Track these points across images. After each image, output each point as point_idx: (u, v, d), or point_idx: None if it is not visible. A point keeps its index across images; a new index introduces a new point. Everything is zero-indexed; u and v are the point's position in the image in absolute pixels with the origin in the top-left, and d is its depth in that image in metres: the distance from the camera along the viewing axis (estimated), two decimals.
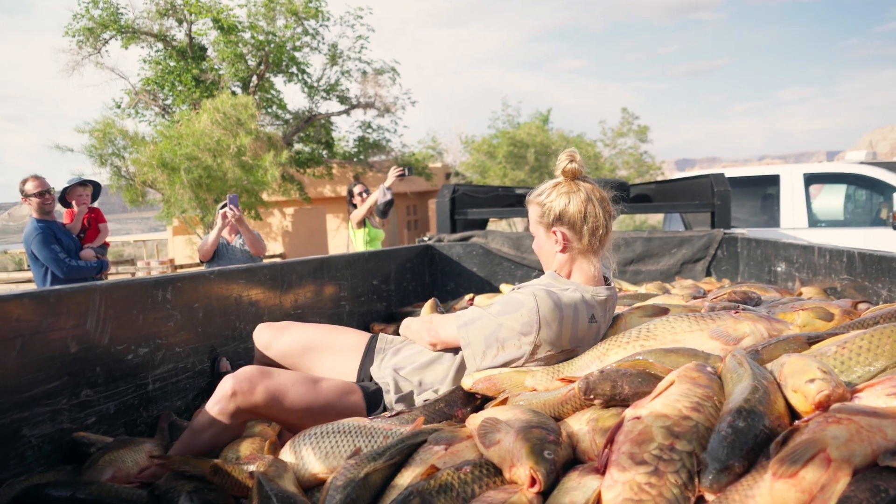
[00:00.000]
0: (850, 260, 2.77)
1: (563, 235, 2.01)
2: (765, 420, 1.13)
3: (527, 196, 2.14)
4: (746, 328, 1.76)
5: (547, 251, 2.08)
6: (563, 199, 2.00)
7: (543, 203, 2.04)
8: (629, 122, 26.65)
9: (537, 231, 2.09)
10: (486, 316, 1.94)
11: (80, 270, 4.65)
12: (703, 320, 1.81)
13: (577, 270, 2.05)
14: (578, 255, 2.03)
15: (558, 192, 2.02)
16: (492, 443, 1.40)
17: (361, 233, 6.15)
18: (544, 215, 2.03)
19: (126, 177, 14.17)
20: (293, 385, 1.84)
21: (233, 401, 1.75)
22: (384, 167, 18.25)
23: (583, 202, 1.98)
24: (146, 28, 15.79)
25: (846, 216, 7.97)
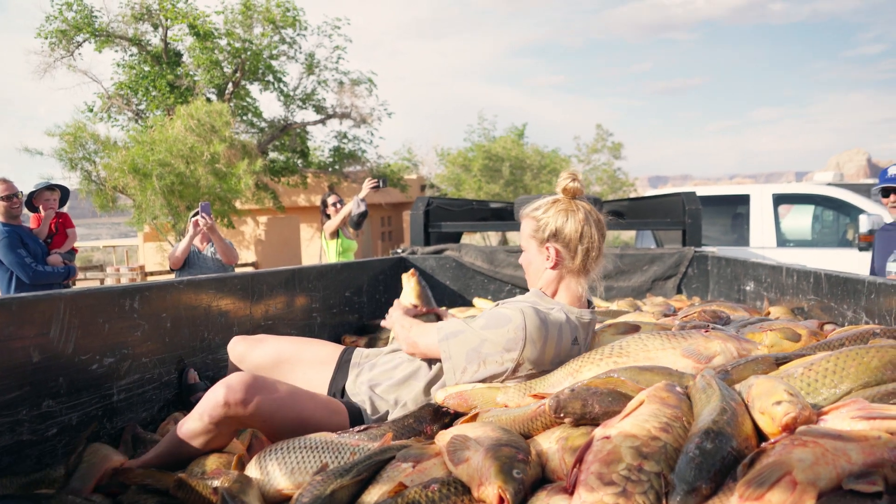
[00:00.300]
0: (817, 281, 2.81)
1: (557, 252, 2.00)
2: (732, 442, 1.13)
3: (521, 210, 2.13)
4: (717, 347, 1.78)
5: (536, 267, 2.07)
6: (561, 217, 2.00)
7: (539, 218, 2.03)
8: (603, 138, 26.92)
9: (529, 245, 2.08)
10: (469, 330, 1.92)
11: (47, 276, 4.56)
12: (675, 338, 1.82)
13: (563, 289, 2.05)
14: (567, 274, 2.04)
15: (556, 209, 2.02)
16: (460, 460, 1.39)
17: (334, 244, 6.12)
18: (539, 230, 2.03)
19: (96, 182, 13.96)
20: (287, 397, 1.79)
21: (224, 409, 1.68)
22: (359, 177, 18.20)
23: (580, 222, 1.99)
24: (121, 32, 15.62)
25: (813, 236, 8.11)
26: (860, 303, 2.41)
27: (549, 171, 23.70)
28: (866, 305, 2.37)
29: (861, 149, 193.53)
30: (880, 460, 1.03)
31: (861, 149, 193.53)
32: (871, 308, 2.34)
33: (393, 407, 2.03)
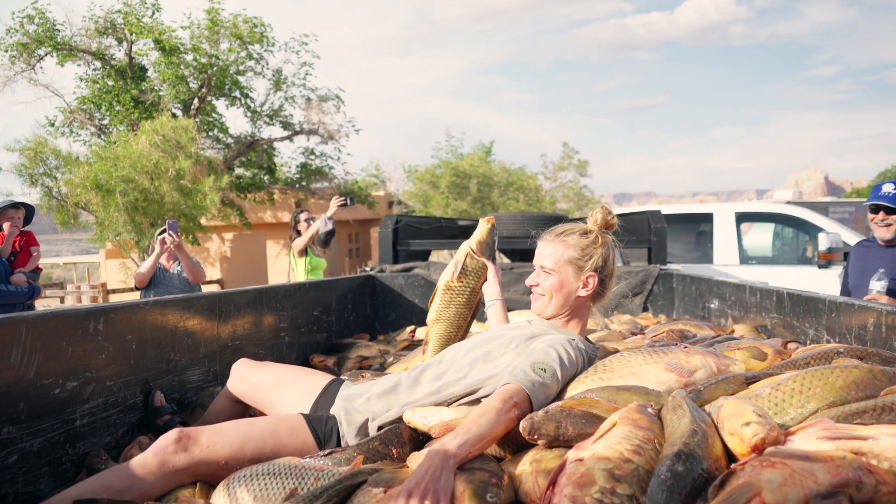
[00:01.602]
0: (780, 299, 2.87)
1: (595, 284, 2.05)
2: (703, 463, 1.15)
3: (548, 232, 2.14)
4: (698, 361, 1.81)
5: (565, 293, 2.06)
6: (605, 250, 2.06)
7: (584, 248, 2.05)
8: (570, 156, 27.22)
9: (562, 270, 2.06)
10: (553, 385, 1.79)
11: (10, 296, 4.45)
12: (657, 353, 1.86)
13: (579, 319, 2.10)
14: (592, 306, 2.10)
15: (602, 243, 2.07)
16: None
17: (303, 261, 6.08)
18: (582, 258, 2.05)
19: (58, 198, 13.70)
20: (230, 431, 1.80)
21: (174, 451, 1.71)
22: (326, 194, 18.13)
23: (615, 258, 2.09)
24: (84, 46, 15.40)
25: (774, 254, 8.28)
26: (821, 321, 2.46)
27: (517, 188, 23.87)
28: (827, 324, 2.42)
29: (819, 167, 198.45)
30: (845, 480, 1.05)
31: (819, 167, 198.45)
32: (832, 326, 2.39)
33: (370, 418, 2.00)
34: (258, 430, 1.87)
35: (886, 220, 3.43)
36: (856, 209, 12.25)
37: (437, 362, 2.11)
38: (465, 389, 1.95)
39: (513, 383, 1.71)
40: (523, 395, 1.67)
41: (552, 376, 1.76)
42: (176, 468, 1.72)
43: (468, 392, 1.95)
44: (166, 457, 1.71)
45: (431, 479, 1.34)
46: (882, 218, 3.43)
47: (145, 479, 1.69)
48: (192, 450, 1.74)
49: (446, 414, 1.84)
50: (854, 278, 3.67)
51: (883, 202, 3.39)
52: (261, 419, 1.94)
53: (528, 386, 1.69)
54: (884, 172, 40.03)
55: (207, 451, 1.76)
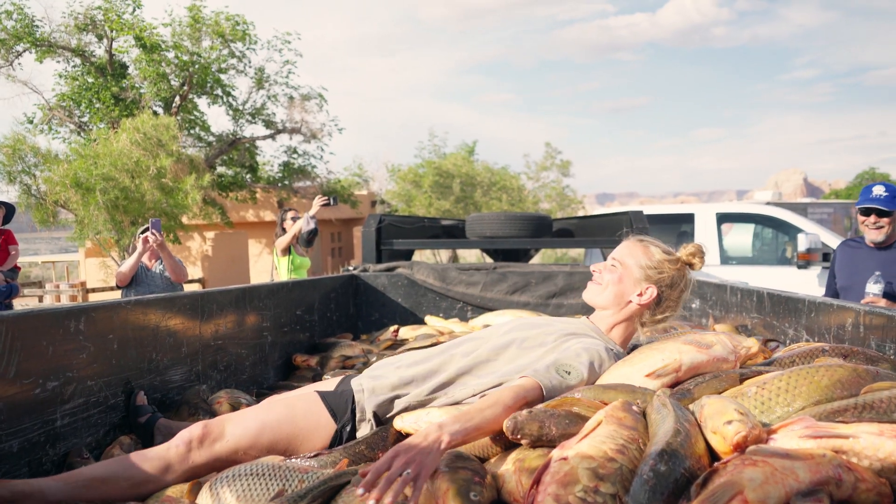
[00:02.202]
0: (760, 299, 2.90)
1: (650, 299, 2.02)
2: (686, 462, 1.16)
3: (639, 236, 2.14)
4: (712, 338, 1.85)
5: (621, 291, 2.04)
6: (678, 277, 2.05)
7: (661, 262, 2.04)
8: (552, 156, 27.31)
9: (631, 270, 2.04)
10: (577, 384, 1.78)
11: None
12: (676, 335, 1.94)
13: (622, 329, 2.07)
14: (637, 320, 2.06)
15: (679, 270, 2.06)
16: None
17: (285, 260, 6.06)
18: (653, 269, 2.03)
19: (36, 196, 13.53)
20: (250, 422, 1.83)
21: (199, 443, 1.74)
22: (309, 193, 18.06)
23: (683, 293, 2.08)
24: (63, 42, 15.23)
25: (754, 254, 8.36)
26: (801, 321, 2.49)
27: (500, 188, 23.92)
28: (806, 323, 2.45)
29: (798, 168, 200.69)
30: (826, 478, 1.07)
31: (798, 168, 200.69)
32: (810, 326, 2.42)
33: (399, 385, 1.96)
34: (275, 416, 1.87)
35: (878, 222, 3.44)
36: (834, 210, 12.40)
37: (472, 339, 2.09)
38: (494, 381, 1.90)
39: (530, 378, 1.70)
40: (537, 392, 1.67)
41: (576, 379, 1.75)
42: (196, 464, 1.74)
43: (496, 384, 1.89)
44: (189, 453, 1.73)
45: (418, 453, 1.34)
46: (874, 220, 3.45)
47: (164, 472, 1.70)
48: (214, 445, 1.76)
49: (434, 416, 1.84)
50: (843, 279, 3.66)
51: (875, 205, 3.41)
52: (277, 402, 1.94)
53: (545, 384, 1.68)
54: (861, 174, 40.58)
55: (228, 443, 1.77)
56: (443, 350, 2.07)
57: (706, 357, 1.77)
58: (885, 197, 3.41)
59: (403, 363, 2.06)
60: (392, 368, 2.05)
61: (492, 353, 1.98)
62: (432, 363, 2.01)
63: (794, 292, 2.67)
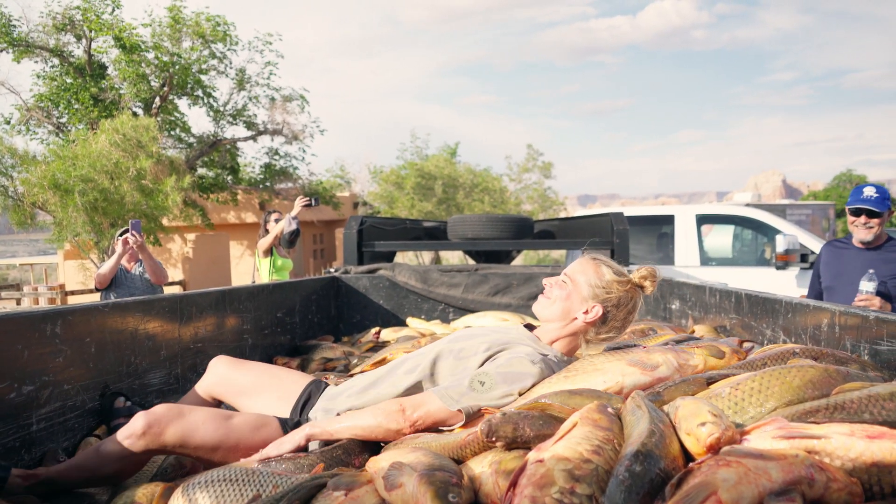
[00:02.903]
0: (738, 300, 2.92)
1: (595, 318, 2.04)
2: (660, 463, 1.17)
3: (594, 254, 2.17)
4: (659, 358, 1.84)
5: (568, 307, 2.06)
6: (626, 298, 2.07)
7: (610, 282, 2.06)
8: (534, 158, 27.38)
9: (579, 287, 2.07)
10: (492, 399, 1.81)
11: None
12: (619, 353, 1.89)
13: (565, 343, 2.09)
14: (582, 336, 2.08)
15: (626, 292, 2.07)
16: (394, 486, 1.39)
17: (267, 262, 6.03)
18: (602, 289, 2.05)
19: (14, 197, 13.38)
20: (203, 423, 1.80)
21: (142, 439, 1.73)
22: (290, 194, 18.00)
23: (628, 314, 2.09)
24: (41, 42, 15.07)
25: (734, 255, 8.44)
26: (778, 321, 2.52)
27: (482, 190, 23.95)
28: (784, 324, 2.48)
29: (777, 170, 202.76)
30: (798, 478, 1.08)
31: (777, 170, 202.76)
32: (787, 326, 2.45)
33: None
34: (234, 433, 1.86)
35: (869, 222, 3.53)
36: (812, 211, 12.54)
37: (417, 355, 2.12)
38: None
39: (428, 393, 1.82)
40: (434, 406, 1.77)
41: (488, 391, 1.80)
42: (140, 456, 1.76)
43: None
44: (131, 447, 1.73)
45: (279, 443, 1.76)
46: (864, 221, 3.54)
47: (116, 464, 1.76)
48: (160, 440, 1.75)
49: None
50: (828, 280, 3.74)
51: (866, 206, 3.51)
52: (237, 419, 1.92)
53: (447, 401, 1.77)
54: (839, 176, 41.06)
55: (177, 446, 1.78)
56: (388, 370, 2.10)
57: (649, 379, 1.79)
58: (875, 198, 3.52)
59: (354, 389, 2.08)
60: (343, 397, 2.07)
61: (432, 368, 2.03)
62: (378, 388, 2.04)
63: (771, 293, 2.70)
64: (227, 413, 1.91)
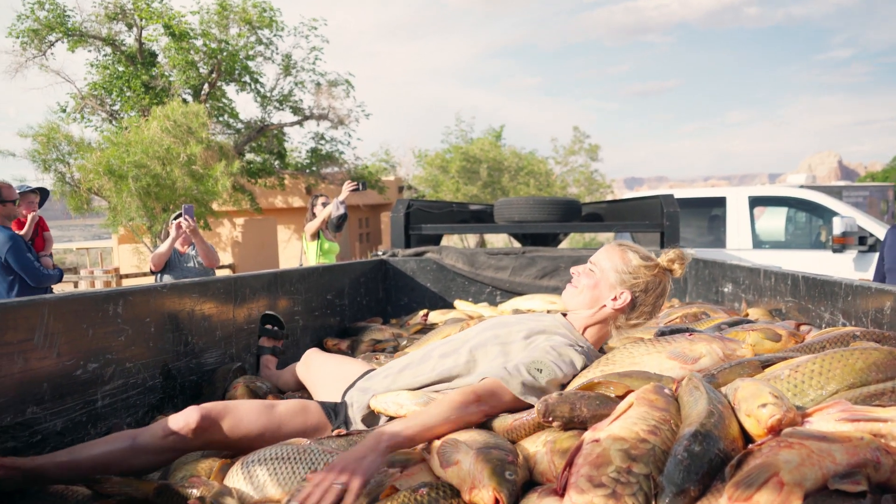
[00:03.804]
0: (795, 283, 2.86)
1: (624, 305, 2.03)
2: (720, 444, 1.16)
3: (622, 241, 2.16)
4: (702, 348, 1.80)
5: (595, 295, 2.05)
6: (654, 283, 2.05)
7: (637, 267, 2.04)
8: (580, 140, 27.08)
9: (605, 275, 2.05)
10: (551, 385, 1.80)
11: (49, 279, 4.51)
12: (660, 343, 1.85)
13: (596, 330, 2.08)
14: (612, 321, 2.07)
15: (653, 277, 2.05)
16: (449, 463, 1.40)
17: (314, 245, 6.11)
18: (628, 274, 2.03)
19: (70, 183, 13.78)
20: (248, 414, 1.86)
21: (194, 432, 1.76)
22: (336, 179, 18.15)
23: (657, 299, 2.07)
24: (94, 31, 15.42)
25: (787, 238, 8.24)
26: (837, 305, 2.46)
27: (527, 173, 23.80)
28: (843, 307, 2.42)
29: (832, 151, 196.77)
30: (863, 460, 1.06)
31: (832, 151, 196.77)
32: (847, 310, 2.39)
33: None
34: (276, 417, 1.91)
35: None
36: (870, 193, 12.15)
37: (451, 340, 2.14)
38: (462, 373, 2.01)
39: (491, 379, 1.75)
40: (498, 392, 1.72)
41: (547, 378, 1.78)
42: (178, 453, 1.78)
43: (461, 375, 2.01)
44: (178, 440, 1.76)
45: (356, 459, 1.41)
46: None
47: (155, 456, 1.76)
48: (209, 433, 1.78)
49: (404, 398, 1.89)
50: (890, 262, 3.71)
51: None
52: (279, 406, 1.97)
53: (515, 387, 1.73)
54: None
55: (224, 436, 1.81)
56: (423, 354, 2.13)
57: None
58: None
59: (390, 370, 2.12)
60: (380, 378, 2.11)
61: (469, 355, 2.03)
62: (414, 370, 2.07)
63: (829, 276, 2.64)
64: (269, 402, 1.96)
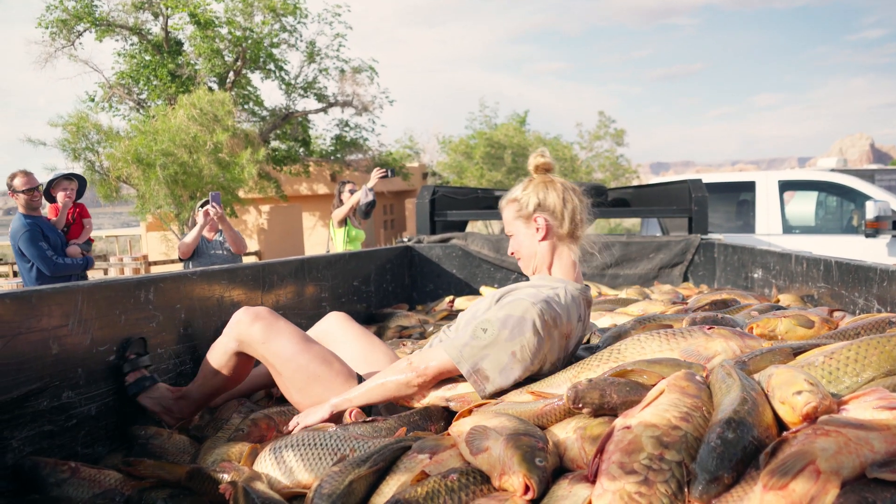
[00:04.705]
0: (827, 268, 2.81)
1: (546, 221, 2.03)
2: (753, 431, 1.14)
3: (500, 201, 2.17)
4: (718, 346, 1.74)
5: (528, 245, 2.07)
6: (541, 189, 2.05)
7: (520, 198, 2.07)
8: (606, 125, 26.84)
9: (516, 228, 2.09)
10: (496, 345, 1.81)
11: (67, 268, 4.58)
12: (674, 338, 1.79)
13: (558, 261, 2.06)
14: (559, 243, 2.05)
15: (534, 185, 2.06)
16: (479, 450, 1.40)
17: (342, 232, 6.13)
18: (522, 208, 2.06)
19: (100, 171, 13.96)
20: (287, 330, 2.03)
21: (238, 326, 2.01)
22: (361, 166, 18.19)
23: (560, 191, 2.05)
24: (121, 21, 15.57)
25: (818, 223, 8.10)
26: (872, 290, 2.42)
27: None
28: (878, 293, 2.37)
29: (864, 133, 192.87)
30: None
31: (864, 133, 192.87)
32: (882, 295, 2.34)
33: None
34: (309, 352, 2.02)
35: None
36: None
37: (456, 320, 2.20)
38: None
39: (435, 347, 1.89)
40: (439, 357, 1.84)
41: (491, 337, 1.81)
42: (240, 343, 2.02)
43: None
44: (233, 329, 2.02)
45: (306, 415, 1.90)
46: None
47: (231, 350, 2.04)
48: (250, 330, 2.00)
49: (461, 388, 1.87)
50: None
51: None
52: (316, 345, 2.06)
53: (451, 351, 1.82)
54: None
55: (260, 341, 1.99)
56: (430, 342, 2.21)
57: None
58: None
59: None
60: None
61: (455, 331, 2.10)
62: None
63: (864, 261, 2.59)
64: (309, 336, 2.09)
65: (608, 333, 2.31)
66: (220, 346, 2.06)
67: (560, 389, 1.75)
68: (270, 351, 1.98)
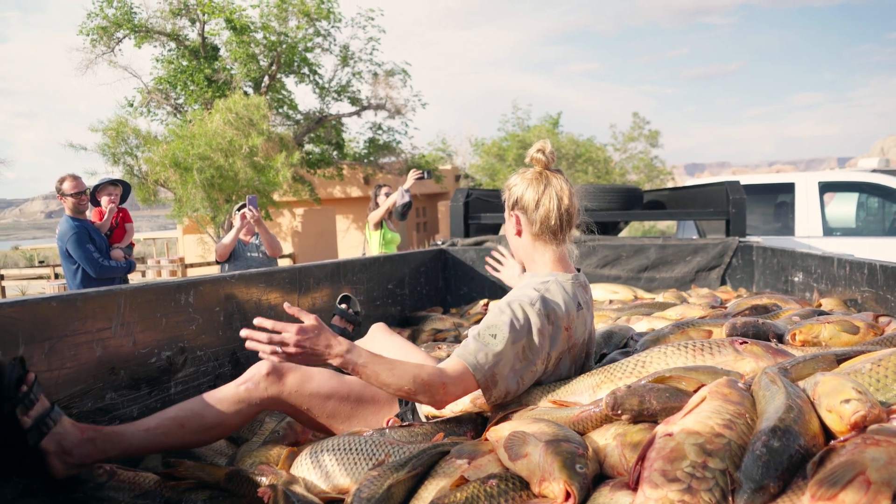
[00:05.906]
0: (872, 272, 2.75)
1: (517, 220, 2.02)
2: (800, 440, 1.12)
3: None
4: (748, 367, 1.66)
5: (512, 239, 2.08)
6: (524, 185, 2.02)
7: (510, 187, 2.06)
8: (640, 126, 26.59)
9: (507, 226, 2.10)
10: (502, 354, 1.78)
11: (112, 270, 4.69)
12: (702, 353, 1.72)
13: (541, 258, 2.04)
14: (535, 241, 2.03)
15: (523, 178, 2.04)
16: (519, 456, 1.40)
17: (377, 234, 6.16)
18: (507, 200, 2.07)
19: (138, 175, 14.21)
20: (319, 373, 1.91)
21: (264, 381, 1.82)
22: (394, 169, 18.25)
23: (540, 191, 1.99)
24: (159, 27, 15.85)
25: (859, 225, 7.93)
26: None
27: (585, 161, 23.51)
28: None
29: None
30: None
31: None
32: None
33: None
34: (346, 385, 1.95)
35: None
36: None
37: None
38: None
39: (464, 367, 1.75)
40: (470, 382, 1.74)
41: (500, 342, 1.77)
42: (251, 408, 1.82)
43: None
44: (250, 391, 1.81)
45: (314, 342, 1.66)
46: None
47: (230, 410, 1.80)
48: (280, 386, 1.83)
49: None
50: None
51: None
52: (351, 378, 1.99)
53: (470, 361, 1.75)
54: None
55: (293, 393, 1.85)
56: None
57: None
58: None
59: None
60: None
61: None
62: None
63: None
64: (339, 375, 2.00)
65: (646, 337, 2.28)
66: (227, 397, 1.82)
67: (582, 397, 1.73)
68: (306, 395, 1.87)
